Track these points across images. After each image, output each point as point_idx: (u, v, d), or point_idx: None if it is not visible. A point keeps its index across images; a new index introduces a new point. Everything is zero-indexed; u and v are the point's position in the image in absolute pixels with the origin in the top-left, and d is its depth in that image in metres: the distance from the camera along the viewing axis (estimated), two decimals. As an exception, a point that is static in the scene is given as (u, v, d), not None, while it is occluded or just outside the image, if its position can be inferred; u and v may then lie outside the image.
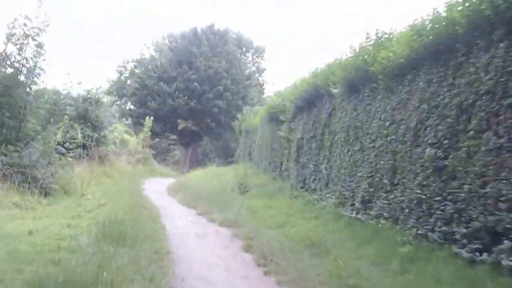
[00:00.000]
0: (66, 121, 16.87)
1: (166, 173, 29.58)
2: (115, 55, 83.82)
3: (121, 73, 50.71)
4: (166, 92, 37.55)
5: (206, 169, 25.65)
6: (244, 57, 54.35)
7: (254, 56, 59.33)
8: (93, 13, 79.51)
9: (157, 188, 17.93)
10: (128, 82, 45.08)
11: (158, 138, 34.77)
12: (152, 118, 30.29)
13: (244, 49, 56.40)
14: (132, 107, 43.03)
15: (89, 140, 17.58)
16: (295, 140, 14.41)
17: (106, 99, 33.97)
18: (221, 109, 38.62)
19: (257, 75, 56.21)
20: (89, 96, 18.48)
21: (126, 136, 26.53)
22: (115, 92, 50.57)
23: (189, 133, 39.63)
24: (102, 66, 78.14)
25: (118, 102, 49.93)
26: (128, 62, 50.85)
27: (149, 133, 29.60)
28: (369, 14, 78.63)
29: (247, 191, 14.55)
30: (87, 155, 17.13)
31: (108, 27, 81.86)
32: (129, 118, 33.38)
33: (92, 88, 18.78)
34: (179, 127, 37.48)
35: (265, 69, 59.01)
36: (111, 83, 51.10)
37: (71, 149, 14.77)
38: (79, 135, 16.89)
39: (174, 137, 43.97)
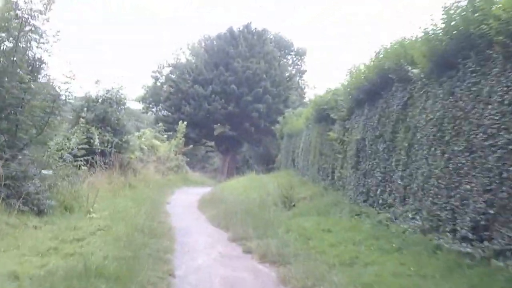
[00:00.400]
0: (82, 125, 14.58)
1: (201, 182, 27.07)
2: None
3: (156, 78, 49.25)
4: (202, 96, 35.15)
5: (244, 177, 22.97)
6: (285, 60, 51.64)
7: (295, 59, 56.67)
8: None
9: (187, 200, 15.32)
10: (164, 88, 43.31)
11: (193, 145, 32.32)
12: (185, 123, 27.86)
13: (284, 51, 53.82)
14: (166, 112, 41.05)
15: (108, 146, 15.21)
16: (353, 142, 11.49)
17: (131, 102, 31.86)
18: (261, 113, 35.75)
19: (297, 78, 53.46)
20: (108, 96, 16.13)
21: (156, 142, 24.17)
22: (150, 99, 49.14)
23: (226, 139, 37.05)
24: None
25: (154, 109, 48.33)
26: (163, 67, 49.35)
27: (183, 139, 27.19)
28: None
29: (293, 205, 11.72)
30: (106, 163, 14.76)
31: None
32: (161, 124, 31.08)
33: (112, 88, 16.39)
34: (215, 132, 34.88)
35: (306, 71, 56.28)
36: (146, 89, 49.72)
37: (79, 157, 12.38)
38: (97, 140, 14.54)
39: (212, 143, 41.63)
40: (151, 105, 49.65)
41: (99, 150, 14.69)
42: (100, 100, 16.00)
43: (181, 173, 25.23)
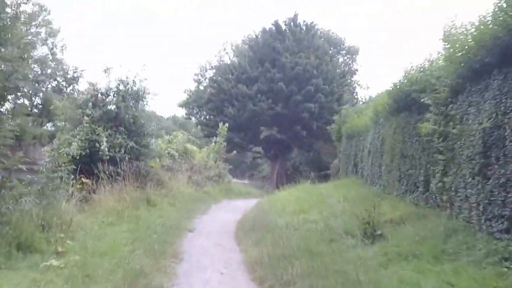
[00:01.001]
0: (86, 124, 11.13)
1: (247, 193, 23.18)
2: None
3: (199, 82, 46.52)
4: (246, 95, 31.40)
5: (297, 188, 18.71)
6: (335, 58, 47.18)
7: (346, 58, 52.10)
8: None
9: (222, 222, 11.44)
10: (209, 90, 40.37)
11: (237, 151, 28.55)
12: (226, 124, 24.05)
13: (334, 49, 49.28)
14: (208, 116, 37.75)
15: (121, 151, 11.66)
16: (476, 134, 7.26)
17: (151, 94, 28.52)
18: (312, 113, 31.49)
19: (348, 76, 48.85)
20: (121, 88, 12.53)
21: (190, 147, 20.50)
22: (194, 103, 46.43)
23: (275, 143, 33.04)
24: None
25: (198, 115, 45.45)
26: (206, 70, 46.54)
27: (224, 143, 23.44)
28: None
29: (380, 234, 7.58)
30: (117, 173, 11.23)
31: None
32: (199, 127, 27.47)
33: (127, 77, 12.78)
34: (262, 136, 30.88)
35: (357, 70, 51.50)
36: (189, 93, 47.07)
37: (59, 167, 8.79)
38: (104, 144, 11.05)
39: (259, 149, 37.81)
40: (194, 110, 47.03)
41: (108, 157, 11.17)
42: (111, 94, 12.47)
43: (222, 183, 21.48)
